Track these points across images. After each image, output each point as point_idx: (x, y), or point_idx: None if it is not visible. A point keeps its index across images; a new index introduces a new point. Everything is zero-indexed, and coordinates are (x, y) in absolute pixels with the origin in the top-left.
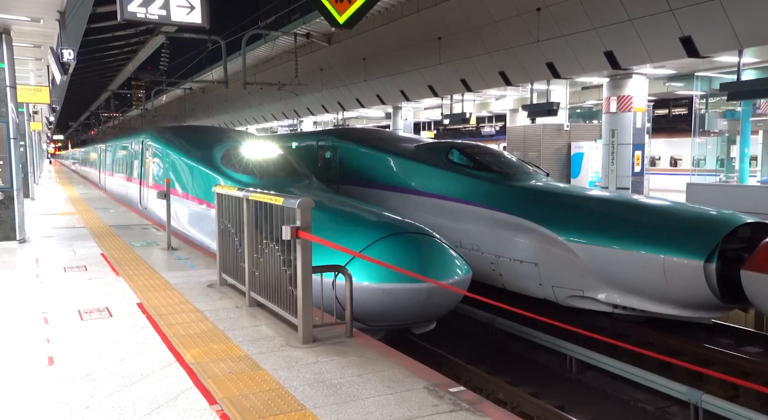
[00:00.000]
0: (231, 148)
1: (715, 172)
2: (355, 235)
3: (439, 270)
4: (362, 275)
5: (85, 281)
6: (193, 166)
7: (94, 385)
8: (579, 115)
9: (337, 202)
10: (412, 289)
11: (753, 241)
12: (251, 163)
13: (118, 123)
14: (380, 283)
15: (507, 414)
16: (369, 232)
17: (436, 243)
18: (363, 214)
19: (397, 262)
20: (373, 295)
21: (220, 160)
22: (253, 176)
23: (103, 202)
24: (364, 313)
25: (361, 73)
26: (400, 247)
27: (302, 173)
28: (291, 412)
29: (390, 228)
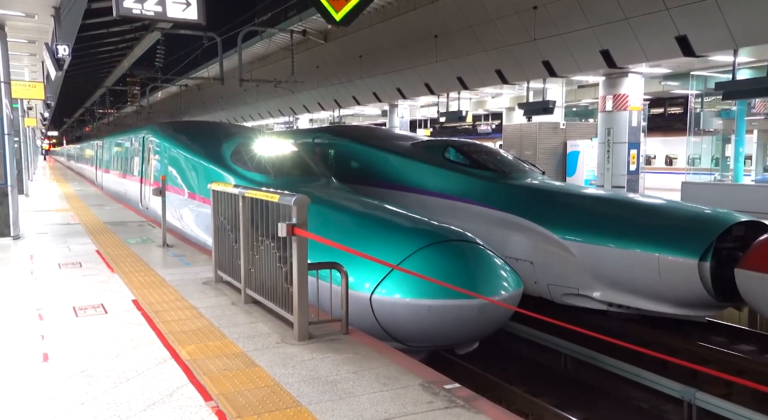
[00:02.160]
0: (241, 144)
1: (710, 171)
2: (391, 244)
3: (490, 283)
4: (402, 290)
5: (79, 278)
6: (200, 163)
7: (89, 381)
8: (575, 113)
9: (365, 205)
10: (461, 306)
11: (747, 240)
12: (264, 160)
13: (113, 120)
14: (425, 300)
15: (502, 411)
16: (408, 240)
17: (484, 252)
18: (398, 219)
19: (443, 275)
20: (416, 313)
21: (229, 158)
22: (267, 175)
23: (98, 199)
24: (405, 333)
25: (357, 70)
26: (444, 258)
27: (319, 172)
28: (286, 409)
29: (431, 235)
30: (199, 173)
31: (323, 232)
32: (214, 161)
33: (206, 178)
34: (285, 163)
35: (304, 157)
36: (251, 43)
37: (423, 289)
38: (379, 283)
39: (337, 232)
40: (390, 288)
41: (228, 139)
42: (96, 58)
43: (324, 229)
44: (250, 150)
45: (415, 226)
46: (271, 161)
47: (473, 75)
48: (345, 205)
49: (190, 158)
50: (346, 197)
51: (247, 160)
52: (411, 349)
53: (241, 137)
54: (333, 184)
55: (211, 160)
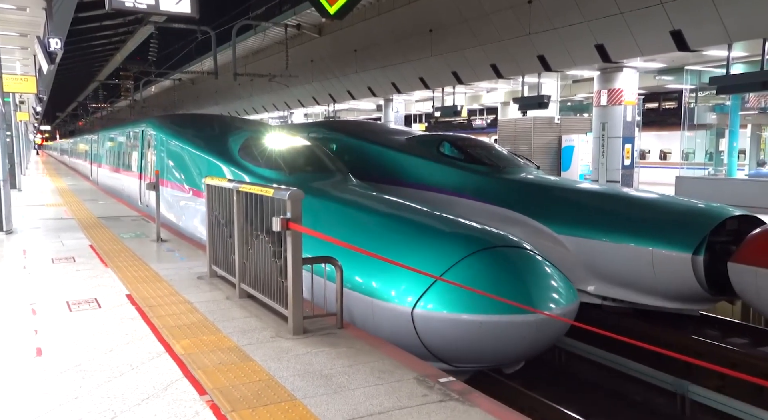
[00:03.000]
0: (250, 138)
1: (704, 166)
2: (431, 251)
3: (548, 296)
4: (449, 304)
5: (73, 272)
6: (206, 159)
7: (83, 375)
8: (570, 108)
9: (395, 206)
10: (518, 322)
11: (740, 234)
12: (276, 156)
13: (106, 114)
14: (476, 315)
15: (496, 404)
16: (450, 246)
17: (537, 259)
18: (435, 222)
19: (493, 287)
20: (465, 331)
21: (238, 153)
22: (281, 171)
23: (92, 193)
24: (452, 353)
25: (352, 64)
26: (494, 267)
27: (337, 168)
28: (281, 403)
29: (476, 241)
30: (203, 169)
31: (351, 237)
32: (221, 156)
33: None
34: (299, 158)
35: (319, 151)
36: (245, 37)
37: (473, 303)
38: (421, 297)
39: (366, 237)
40: (434, 302)
41: (235, 132)
42: (88, 52)
43: (351, 233)
44: (260, 144)
45: (457, 230)
46: (284, 156)
47: (468, 69)
48: (373, 207)
49: (194, 153)
50: (371, 197)
51: (258, 156)
52: (456, 369)
53: (249, 131)
54: (350, 180)
55: (218, 155)
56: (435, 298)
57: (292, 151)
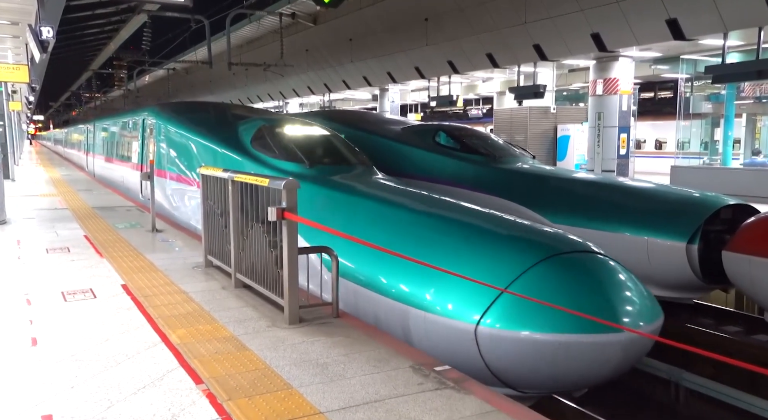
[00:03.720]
0: (264, 128)
1: (699, 155)
2: (493, 257)
3: (634, 310)
4: (517, 320)
5: (68, 263)
6: (214, 150)
7: (79, 365)
8: (565, 97)
9: (437, 203)
10: (603, 342)
11: (735, 223)
12: (295, 146)
13: (100, 104)
14: (554, 334)
15: (491, 392)
16: (515, 252)
17: (616, 266)
18: (489, 223)
19: (571, 299)
20: (539, 352)
21: (250, 143)
22: (301, 164)
23: (86, 183)
24: (523, 377)
25: (347, 54)
26: (569, 276)
27: (359, 160)
28: (277, 391)
29: (544, 245)
30: (211, 161)
31: (392, 240)
32: (231, 147)
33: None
34: (319, 148)
35: (339, 141)
36: (240, 26)
37: (549, 320)
38: (485, 312)
39: (411, 241)
40: (502, 318)
41: (245, 121)
42: (81, 41)
43: (392, 236)
44: (275, 134)
45: (518, 233)
46: (303, 147)
47: (464, 59)
48: (414, 205)
49: (200, 143)
50: (409, 193)
51: (274, 146)
52: (524, 395)
53: (261, 119)
54: (375, 172)
55: (228, 146)
56: (502, 314)
57: (311, 142)
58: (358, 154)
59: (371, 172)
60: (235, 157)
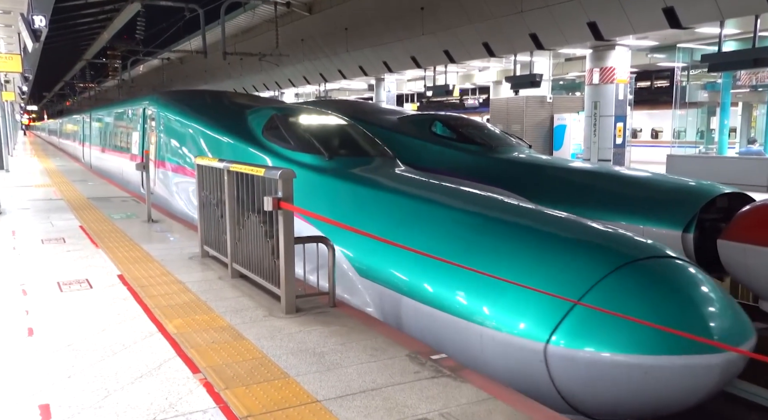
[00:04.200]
0: (276, 116)
1: (695, 144)
2: (558, 264)
3: (729, 325)
4: (595, 339)
5: (63, 253)
6: (222, 140)
7: (76, 355)
8: (562, 87)
9: (484, 201)
10: (699, 364)
11: (730, 212)
12: (311, 137)
13: (94, 94)
14: (638, 356)
15: (487, 380)
16: (586, 258)
17: (701, 275)
18: (548, 224)
19: (657, 314)
20: (622, 376)
21: (262, 133)
22: (319, 155)
23: (81, 174)
24: (600, 404)
25: (343, 43)
26: (653, 286)
27: (380, 151)
28: (274, 380)
29: (618, 250)
30: (218, 152)
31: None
32: (241, 137)
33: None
34: (337, 139)
35: (358, 131)
36: (234, 15)
37: (633, 339)
38: (556, 328)
39: (457, 244)
40: (576, 336)
41: (254, 110)
42: (74, 31)
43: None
44: (289, 123)
45: (584, 236)
46: (320, 137)
47: (460, 48)
48: (456, 203)
49: (207, 134)
50: (447, 189)
51: (288, 137)
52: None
53: (272, 108)
54: (399, 165)
55: (237, 136)
56: (576, 331)
57: (328, 131)
58: (378, 144)
59: (395, 164)
60: (245, 148)
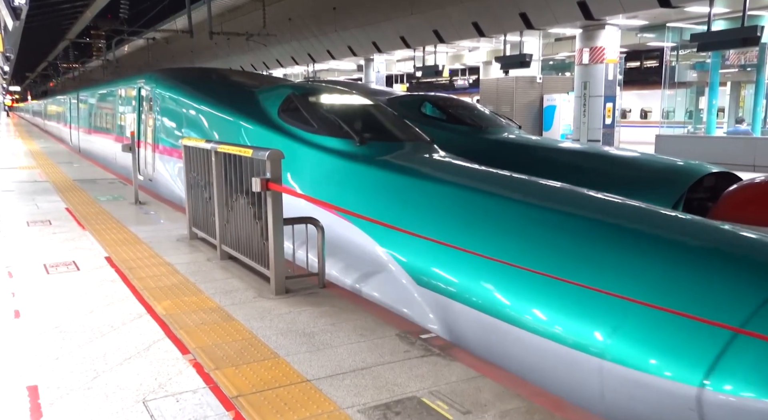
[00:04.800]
0: (294, 96)
1: (684, 124)
2: (701, 280)
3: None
4: (757, 381)
5: (49, 235)
6: (232, 122)
7: (63, 337)
8: (551, 67)
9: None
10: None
11: (717, 191)
12: (337, 119)
13: (79, 74)
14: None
15: (476, 358)
16: (738, 273)
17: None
18: (668, 229)
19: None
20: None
21: (278, 115)
22: (348, 140)
23: (67, 156)
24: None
25: (331, 23)
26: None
27: (415, 134)
28: (264, 361)
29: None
30: (226, 135)
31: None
32: (254, 119)
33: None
34: (366, 121)
35: (386, 112)
36: None
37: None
38: (713, 366)
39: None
40: (741, 377)
41: (264, 89)
42: (56, 9)
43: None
44: (309, 104)
45: (721, 243)
46: (347, 119)
47: (449, 28)
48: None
49: (213, 115)
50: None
51: (311, 119)
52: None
53: (286, 87)
54: (437, 150)
55: (249, 118)
56: (742, 371)
57: (355, 112)
58: (411, 127)
59: (435, 149)
60: (259, 131)
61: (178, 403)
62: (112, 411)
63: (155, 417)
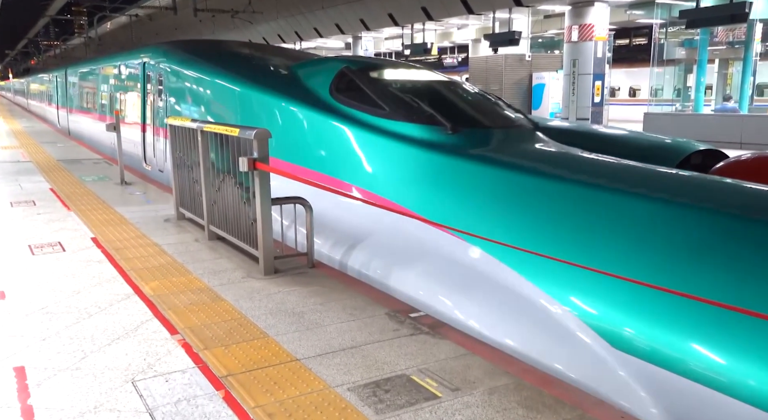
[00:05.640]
0: (350, 71)
1: (672, 102)
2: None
3: None
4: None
5: (34, 216)
6: (276, 105)
7: (50, 318)
8: (540, 45)
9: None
10: None
11: (705, 168)
12: (417, 100)
13: (60, 52)
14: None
15: (465, 336)
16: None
17: None
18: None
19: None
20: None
21: (330, 95)
22: (438, 127)
23: (50, 136)
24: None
25: (318, 0)
26: None
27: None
28: (254, 340)
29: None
30: (262, 120)
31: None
32: (302, 100)
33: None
34: (452, 103)
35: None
36: None
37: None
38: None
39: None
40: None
41: (308, 65)
42: None
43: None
44: (373, 81)
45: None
46: (431, 101)
47: (438, 4)
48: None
49: (247, 96)
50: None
51: (380, 100)
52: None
53: (336, 60)
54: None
55: (295, 99)
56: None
57: (436, 93)
58: (503, 107)
59: (541, 137)
60: (310, 114)
61: (168, 382)
62: (100, 391)
63: (144, 397)
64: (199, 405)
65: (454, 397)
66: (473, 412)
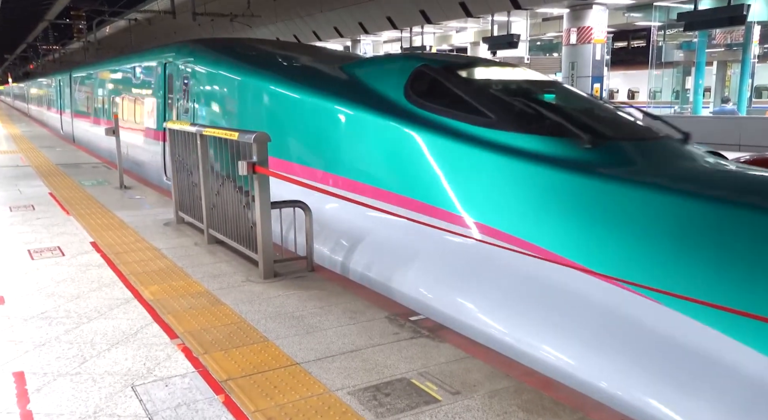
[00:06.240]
0: (432, 70)
1: (670, 104)
2: None
3: None
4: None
5: (33, 221)
6: (339, 111)
7: (50, 323)
8: (539, 47)
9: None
10: None
11: None
12: (533, 107)
13: (59, 56)
14: None
15: (465, 339)
16: None
17: None
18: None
19: None
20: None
21: (408, 99)
22: (572, 139)
23: (49, 140)
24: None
25: (317, 3)
26: None
27: (654, 129)
28: (253, 344)
29: None
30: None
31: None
32: (373, 107)
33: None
34: (577, 109)
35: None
36: None
37: None
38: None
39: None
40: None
41: (368, 64)
42: None
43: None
44: (465, 83)
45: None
46: (554, 109)
47: (436, 8)
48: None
49: (299, 102)
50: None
51: (483, 107)
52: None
53: (409, 58)
54: (700, 151)
55: (365, 105)
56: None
57: (557, 96)
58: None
59: (695, 150)
60: (384, 123)
61: (167, 387)
62: (100, 396)
63: (144, 402)
64: (199, 409)
65: (454, 401)
66: (474, 416)
